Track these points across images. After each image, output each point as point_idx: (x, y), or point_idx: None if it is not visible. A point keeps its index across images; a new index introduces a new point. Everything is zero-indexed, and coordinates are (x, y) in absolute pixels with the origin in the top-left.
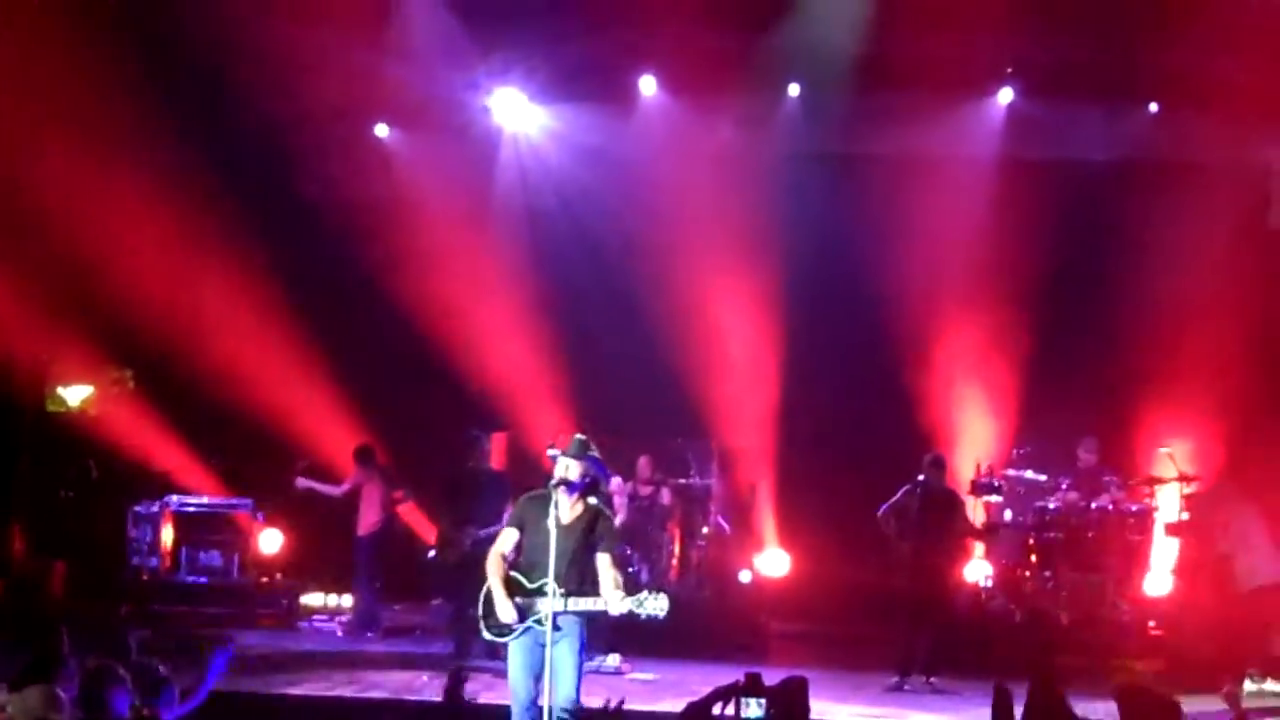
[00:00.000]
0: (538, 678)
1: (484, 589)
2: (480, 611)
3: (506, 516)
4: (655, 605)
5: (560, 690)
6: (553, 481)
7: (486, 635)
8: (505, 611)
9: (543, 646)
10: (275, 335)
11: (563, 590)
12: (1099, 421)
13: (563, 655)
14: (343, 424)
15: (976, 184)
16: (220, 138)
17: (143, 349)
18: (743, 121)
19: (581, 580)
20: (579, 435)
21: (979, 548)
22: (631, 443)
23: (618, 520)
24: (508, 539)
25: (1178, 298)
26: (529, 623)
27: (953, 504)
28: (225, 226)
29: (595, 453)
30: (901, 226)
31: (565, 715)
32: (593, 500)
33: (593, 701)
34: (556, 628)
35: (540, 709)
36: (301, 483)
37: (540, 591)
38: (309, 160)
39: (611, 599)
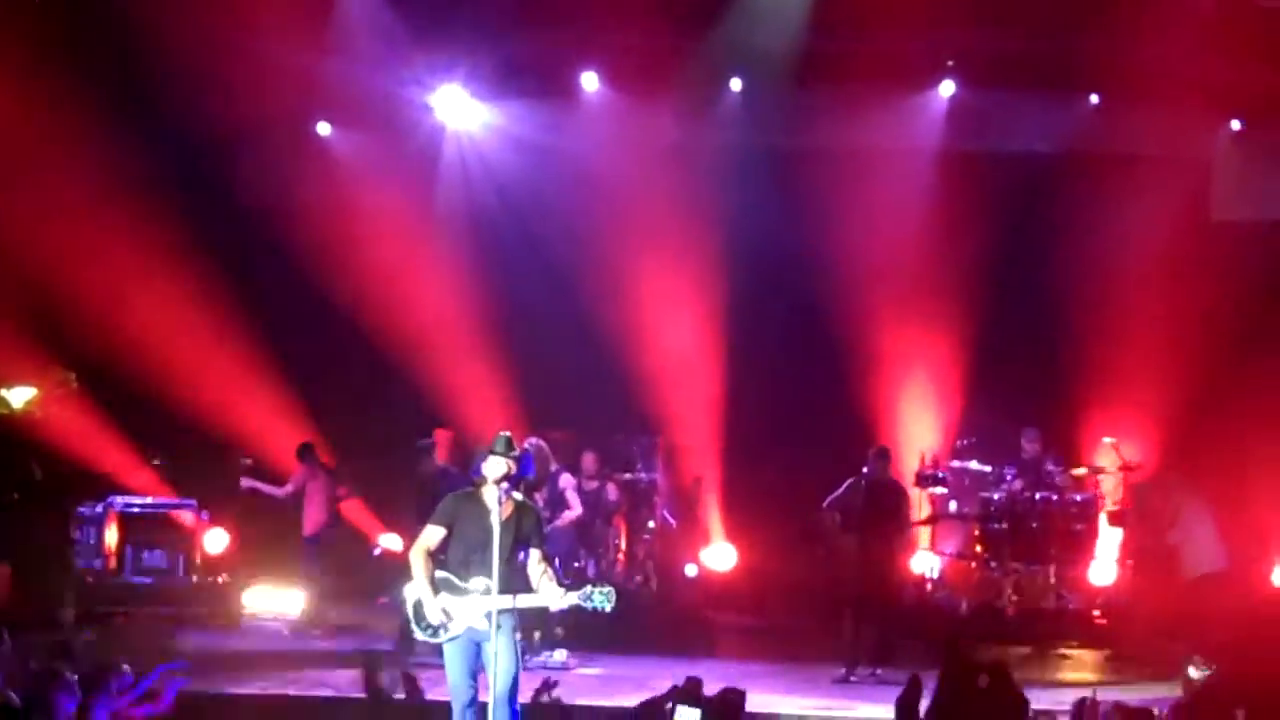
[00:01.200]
0: (476, 675)
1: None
2: (410, 613)
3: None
4: (601, 599)
5: (500, 685)
6: (493, 478)
7: (419, 635)
8: (434, 613)
9: (478, 645)
10: (219, 335)
11: (501, 587)
12: (1042, 412)
13: (502, 652)
14: (287, 423)
15: (919, 177)
16: (161, 137)
17: (86, 350)
18: (685, 116)
19: (516, 576)
20: (504, 432)
21: (924, 539)
22: (576, 438)
23: (572, 514)
24: (434, 536)
25: (1120, 288)
26: (468, 623)
27: (897, 496)
28: (168, 227)
29: (518, 449)
30: (844, 220)
31: (507, 709)
32: (519, 496)
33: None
34: (497, 625)
35: (482, 706)
36: (246, 483)
37: (478, 590)
38: (251, 159)
39: (551, 594)
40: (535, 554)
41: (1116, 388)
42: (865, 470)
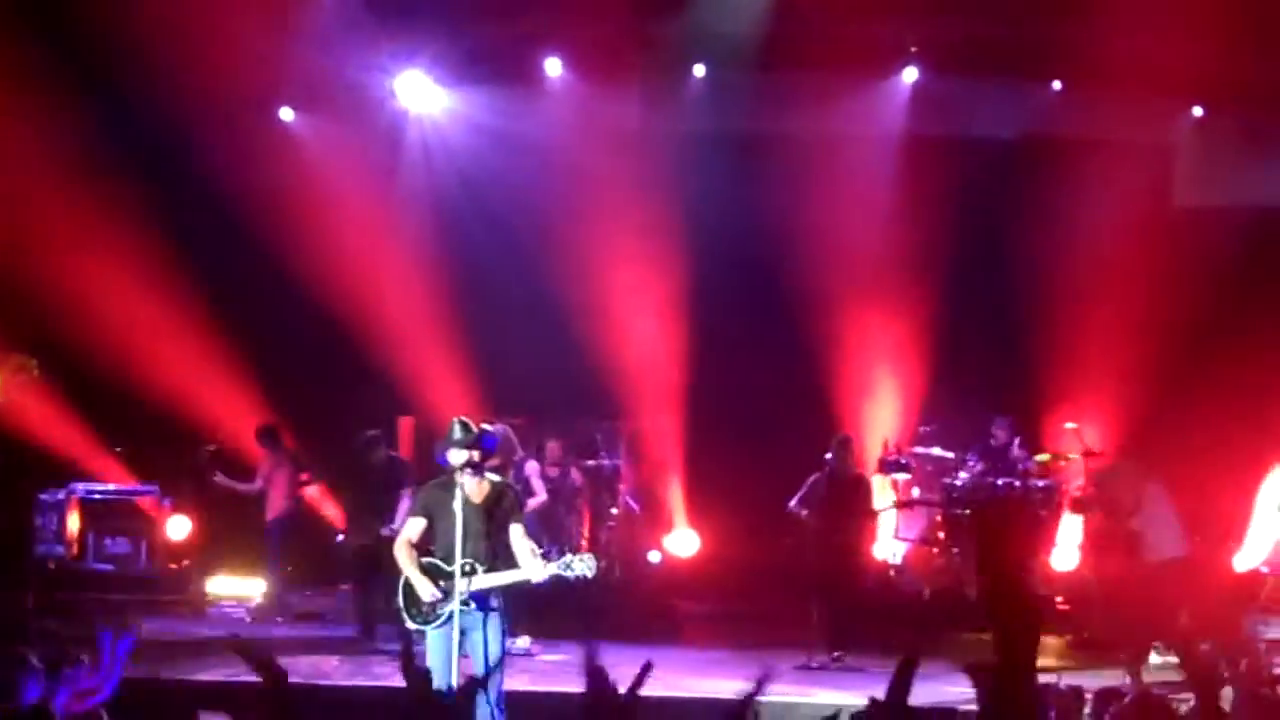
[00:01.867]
0: (456, 661)
1: (401, 580)
2: (401, 602)
3: (407, 505)
4: (583, 566)
5: (483, 667)
6: (459, 464)
7: (411, 625)
8: (426, 590)
9: (463, 631)
10: (181, 321)
11: (485, 567)
12: (1005, 398)
13: (489, 635)
14: (249, 409)
15: (882, 162)
16: (123, 121)
17: (48, 336)
18: (648, 102)
19: (499, 556)
20: (458, 420)
21: (887, 525)
22: (540, 424)
23: (536, 501)
24: (415, 527)
25: (1082, 274)
26: (456, 604)
27: (860, 485)
28: (130, 212)
29: (475, 431)
30: (808, 205)
31: (490, 705)
32: (495, 477)
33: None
34: (490, 608)
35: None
36: (220, 481)
37: (463, 572)
38: (213, 144)
39: (533, 567)
40: (517, 529)
41: (1078, 373)
42: (828, 457)
